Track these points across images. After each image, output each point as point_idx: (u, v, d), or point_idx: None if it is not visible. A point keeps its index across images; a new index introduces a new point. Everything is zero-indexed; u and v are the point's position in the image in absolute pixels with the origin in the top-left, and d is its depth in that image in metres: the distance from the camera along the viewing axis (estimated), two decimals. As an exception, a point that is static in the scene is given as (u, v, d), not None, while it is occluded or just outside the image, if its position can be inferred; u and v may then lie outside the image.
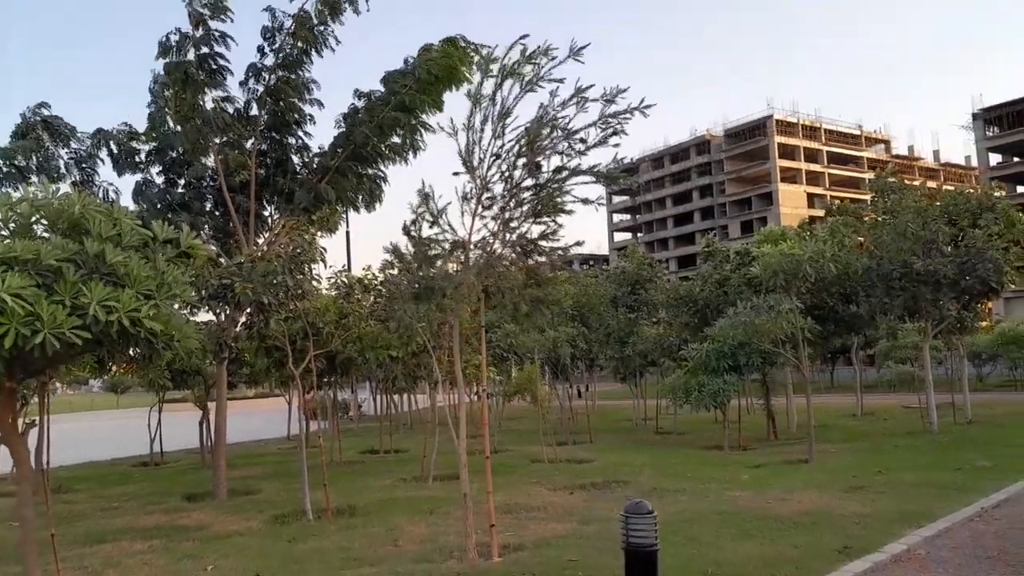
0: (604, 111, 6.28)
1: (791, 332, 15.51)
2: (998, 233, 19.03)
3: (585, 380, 33.50)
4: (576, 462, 16.14)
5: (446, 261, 7.29)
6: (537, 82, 6.49)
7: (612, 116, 6.30)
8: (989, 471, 12.16)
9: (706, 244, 24.12)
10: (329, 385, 19.54)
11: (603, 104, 6.28)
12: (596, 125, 6.35)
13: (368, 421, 33.52)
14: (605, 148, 6.48)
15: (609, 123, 6.29)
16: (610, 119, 6.29)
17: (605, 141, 6.39)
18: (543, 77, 6.47)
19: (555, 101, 6.46)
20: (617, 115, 6.30)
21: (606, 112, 6.28)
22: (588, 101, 6.33)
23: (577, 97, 6.37)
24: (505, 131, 6.67)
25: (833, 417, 24.58)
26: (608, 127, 6.31)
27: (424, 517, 10.43)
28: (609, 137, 6.36)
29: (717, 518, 9.33)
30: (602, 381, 39.44)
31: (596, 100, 6.27)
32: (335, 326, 11.73)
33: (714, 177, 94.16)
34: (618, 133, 6.34)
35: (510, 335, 19.37)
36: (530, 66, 6.47)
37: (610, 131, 6.34)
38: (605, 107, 6.27)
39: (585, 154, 6.51)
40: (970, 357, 35.21)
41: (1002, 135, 74.45)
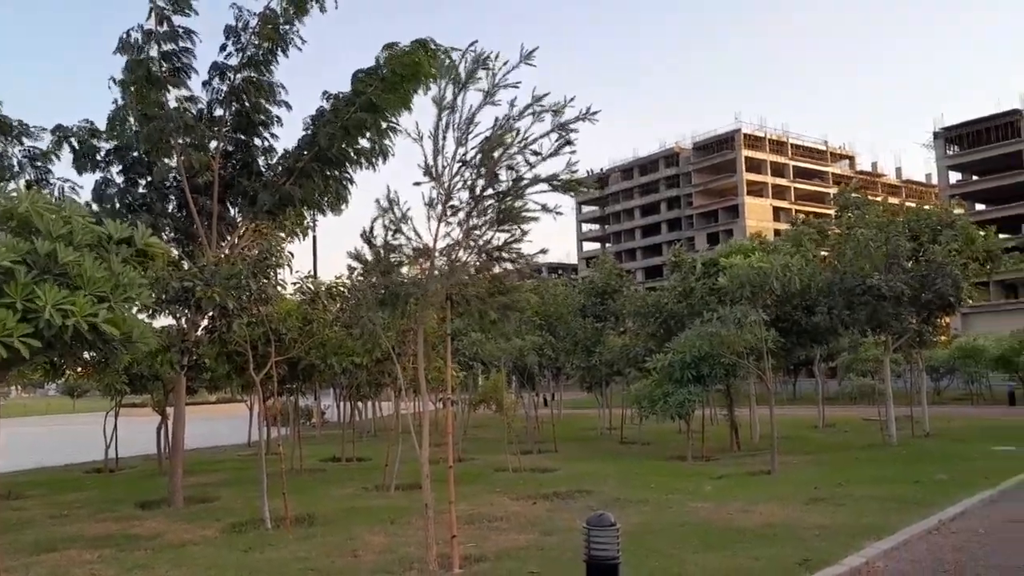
0: (555, 121, 6.30)
1: (755, 344, 15.63)
2: (957, 249, 19.42)
3: (552, 389, 33.50)
4: (540, 471, 16.07)
5: (410, 268, 7.21)
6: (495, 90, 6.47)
7: (562, 126, 6.33)
8: (947, 484, 12.33)
9: (673, 255, 24.27)
10: (291, 391, 19.23)
11: (552, 114, 6.30)
12: (549, 136, 6.37)
13: (331, 428, 33.13)
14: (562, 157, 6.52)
15: (561, 133, 6.31)
16: (561, 129, 6.32)
17: (558, 151, 6.41)
18: (499, 84, 6.45)
19: (513, 111, 6.46)
20: (566, 124, 6.33)
21: (557, 122, 6.30)
22: (543, 111, 6.33)
23: (534, 106, 6.37)
24: (468, 139, 6.63)
25: (795, 429, 24.82)
26: (560, 137, 6.34)
27: (385, 527, 10.28)
28: (562, 147, 6.39)
29: (680, 530, 9.31)
30: (568, 390, 39.47)
31: (548, 110, 6.28)
32: (298, 332, 11.53)
33: (682, 189, 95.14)
34: (570, 143, 6.37)
35: (476, 343, 19.27)
36: (484, 72, 6.45)
37: (563, 141, 6.36)
38: (555, 117, 6.29)
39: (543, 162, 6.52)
40: (928, 371, 35.88)
41: (961, 154, 76.27)
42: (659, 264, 79.94)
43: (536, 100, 6.41)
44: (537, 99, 6.41)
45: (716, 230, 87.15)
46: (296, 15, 13.81)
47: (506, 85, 6.53)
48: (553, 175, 6.54)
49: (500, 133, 6.54)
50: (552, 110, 6.35)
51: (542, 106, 6.42)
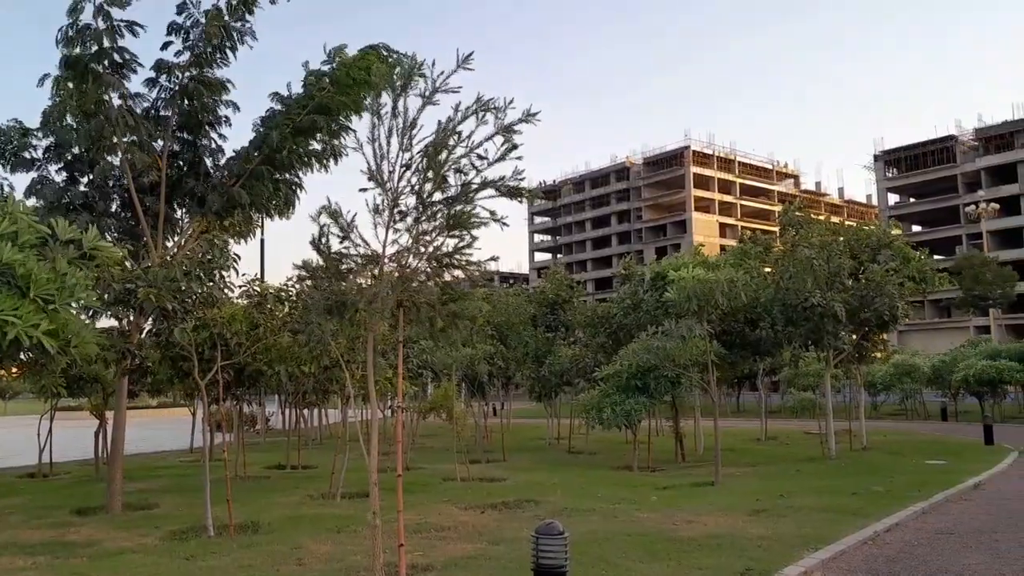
0: (498, 123, 6.38)
1: (700, 357, 15.92)
2: (895, 269, 20.09)
3: (501, 398, 33.52)
4: (489, 481, 16.07)
5: (358, 275, 7.17)
6: (433, 94, 6.53)
7: (506, 128, 6.41)
8: (882, 496, 12.72)
9: (623, 267, 24.57)
10: (236, 397, 18.87)
11: (495, 117, 6.38)
12: (494, 139, 6.44)
13: (276, 435, 32.57)
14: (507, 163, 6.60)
15: (505, 137, 6.39)
16: (504, 131, 6.40)
17: (505, 156, 6.49)
18: (439, 88, 6.51)
19: (456, 115, 6.51)
20: (510, 126, 6.41)
21: (500, 123, 6.38)
22: (485, 111, 6.40)
23: (476, 108, 6.43)
24: (412, 143, 6.65)
25: (739, 441, 25.31)
26: (506, 141, 6.42)
27: (331, 535, 10.16)
28: (508, 152, 6.47)
29: (626, 539, 9.42)
30: (518, 399, 39.56)
31: (489, 109, 6.36)
32: (245, 336, 11.35)
33: (632, 203, 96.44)
34: (515, 147, 6.45)
35: (426, 351, 19.21)
36: (422, 78, 6.51)
37: (509, 145, 6.44)
38: (499, 119, 6.37)
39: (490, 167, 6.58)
40: (866, 386, 36.91)
41: (900, 177, 79.03)
42: (609, 276, 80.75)
43: (477, 101, 6.49)
44: (478, 100, 6.48)
45: (665, 244, 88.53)
46: (245, 8, 13.56)
47: (446, 90, 6.59)
48: (500, 179, 6.60)
49: (444, 136, 6.58)
50: (494, 110, 6.42)
51: (483, 107, 6.48)
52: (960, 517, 11.21)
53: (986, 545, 9.20)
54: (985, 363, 35.14)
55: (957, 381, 36.61)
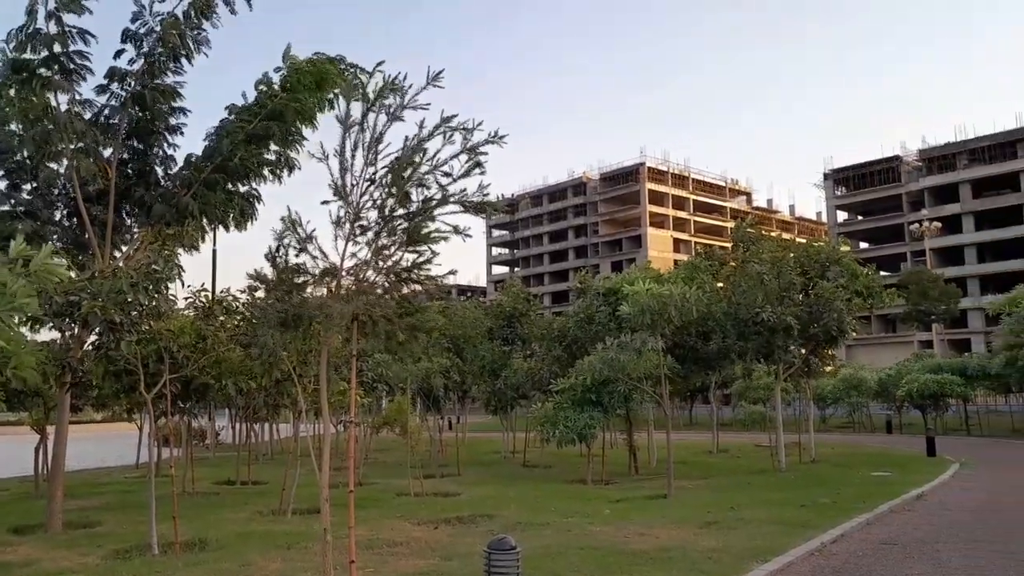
0: (465, 143, 6.41)
1: (653, 370, 16.08)
2: (843, 285, 20.58)
3: (457, 412, 33.38)
4: (443, 496, 15.96)
5: (315, 287, 7.09)
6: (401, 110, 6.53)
7: (472, 148, 6.43)
8: (830, 508, 12.96)
9: (579, 281, 24.74)
10: (184, 411, 18.47)
11: (462, 137, 6.40)
12: (459, 157, 6.47)
13: (226, 450, 31.93)
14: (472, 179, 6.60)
15: (471, 155, 6.42)
16: (470, 151, 6.43)
17: (469, 173, 6.50)
18: (407, 104, 6.51)
19: (423, 132, 6.51)
20: (476, 147, 6.44)
21: (467, 143, 6.41)
22: (453, 131, 6.43)
23: (443, 126, 6.45)
24: (377, 158, 6.63)
25: (691, 453, 25.58)
26: (470, 159, 6.44)
27: (280, 552, 9.97)
28: (472, 169, 6.49)
29: (579, 553, 9.43)
30: (474, 413, 39.41)
31: (458, 129, 6.39)
32: (192, 349, 11.11)
33: (589, 218, 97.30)
34: (480, 164, 6.48)
35: (381, 364, 19.05)
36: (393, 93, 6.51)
37: (473, 163, 6.46)
38: (466, 139, 6.40)
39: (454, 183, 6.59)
40: (815, 400, 37.68)
41: (848, 195, 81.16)
42: (566, 289, 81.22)
43: (445, 121, 6.48)
44: (446, 120, 6.48)
45: (620, 259, 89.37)
46: (201, 17, 13.38)
47: (415, 106, 6.57)
48: (464, 196, 6.60)
49: (410, 153, 6.56)
50: (462, 130, 6.43)
51: (451, 127, 6.49)
52: (903, 528, 11.48)
53: (928, 555, 9.43)
54: (928, 377, 36.20)
55: (901, 395, 37.65)
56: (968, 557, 9.25)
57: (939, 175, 73.31)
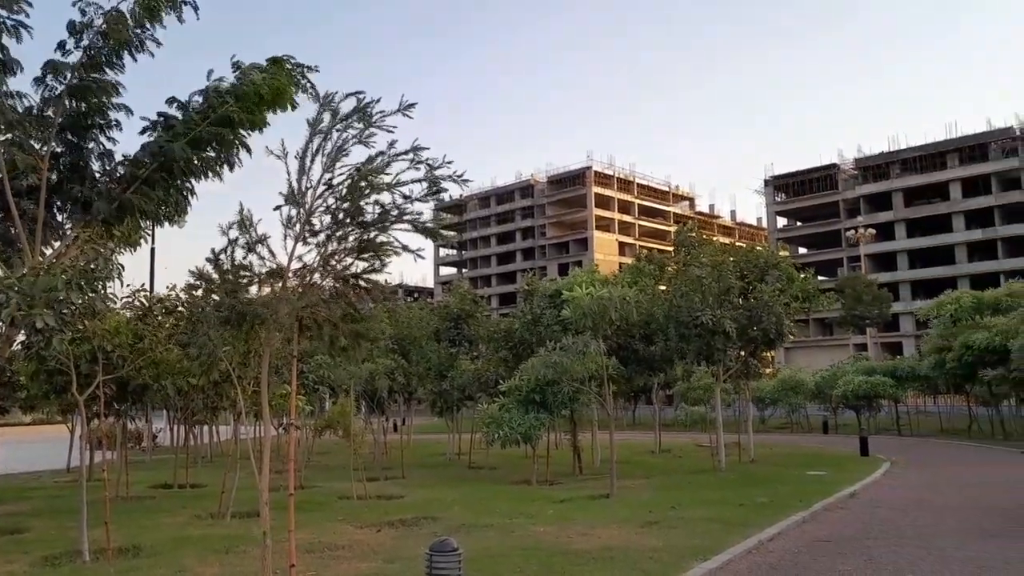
0: (428, 175, 6.54)
1: (596, 371, 16.26)
2: (781, 289, 21.12)
3: (403, 413, 33.16)
4: (386, 498, 15.85)
5: (260, 287, 6.98)
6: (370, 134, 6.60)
7: (434, 181, 6.55)
8: (767, 507, 13.29)
9: (526, 283, 24.85)
10: (119, 413, 17.92)
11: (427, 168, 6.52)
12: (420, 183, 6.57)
13: (164, 453, 31.11)
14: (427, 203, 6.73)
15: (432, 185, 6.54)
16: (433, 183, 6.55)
17: (426, 199, 6.64)
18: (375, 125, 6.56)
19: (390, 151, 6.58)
20: (438, 180, 6.56)
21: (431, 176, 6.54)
22: (420, 162, 6.53)
23: (412, 154, 6.53)
24: (335, 166, 6.62)
25: (634, 453, 25.91)
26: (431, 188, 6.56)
27: (218, 557, 9.77)
28: (432, 195, 6.62)
29: (522, 554, 9.47)
30: (420, 415, 39.21)
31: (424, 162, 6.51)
32: (128, 349, 10.81)
33: (536, 220, 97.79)
34: (440, 192, 6.62)
35: (323, 366, 18.81)
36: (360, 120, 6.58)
37: (432, 191, 6.60)
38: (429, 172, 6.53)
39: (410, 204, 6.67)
40: (754, 401, 38.55)
41: (787, 201, 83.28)
42: (514, 291, 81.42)
43: (415, 150, 6.58)
44: (416, 149, 6.59)
45: (567, 261, 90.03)
46: (148, 18, 13.04)
47: (382, 127, 6.64)
48: (418, 217, 6.67)
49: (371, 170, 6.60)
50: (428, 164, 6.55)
51: (419, 158, 6.59)
52: (837, 525, 11.84)
53: (859, 552, 9.75)
54: (861, 379, 37.37)
55: (837, 396, 38.77)
56: (896, 553, 9.59)
57: (874, 183, 75.80)
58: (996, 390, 33.22)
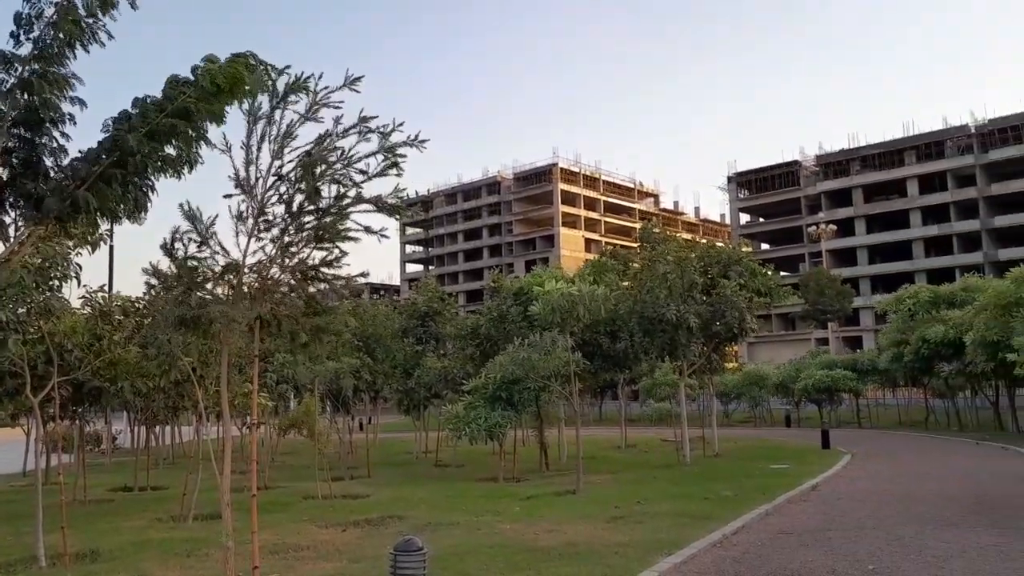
0: (383, 143, 6.29)
1: (563, 368, 16.30)
2: (743, 284, 21.39)
3: (369, 412, 32.92)
4: (352, 498, 15.71)
5: (215, 285, 6.83)
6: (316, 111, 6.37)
7: (389, 149, 6.32)
8: (731, 500, 13.44)
9: (493, 280, 24.81)
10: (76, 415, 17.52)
11: (380, 137, 6.29)
12: (376, 155, 6.34)
13: (124, 455, 30.53)
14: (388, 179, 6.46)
15: (388, 156, 6.30)
16: (388, 152, 6.31)
17: (385, 172, 6.38)
18: (321, 102, 6.35)
19: (338, 128, 6.36)
20: (394, 147, 6.34)
21: (384, 144, 6.29)
22: (370, 131, 6.31)
23: (360, 126, 6.32)
24: (284, 152, 6.44)
25: (600, 449, 26.05)
26: (387, 159, 6.32)
27: (179, 560, 9.60)
28: (389, 168, 6.36)
29: (488, 551, 9.46)
30: (387, 413, 38.96)
31: (375, 131, 6.27)
32: (86, 350, 10.56)
33: (503, 217, 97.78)
34: (397, 165, 6.36)
35: (287, 365, 18.58)
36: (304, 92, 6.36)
37: (389, 163, 6.34)
38: (383, 140, 6.29)
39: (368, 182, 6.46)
40: (718, 395, 39.03)
41: (750, 198, 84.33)
42: (481, 288, 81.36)
43: (362, 120, 6.35)
44: (363, 119, 6.35)
45: (534, 257, 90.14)
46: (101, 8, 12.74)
47: (328, 104, 6.42)
48: (378, 196, 6.47)
49: (322, 149, 6.40)
50: (380, 132, 6.31)
51: (368, 127, 6.36)
52: (799, 517, 12.01)
53: (821, 543, 9.90)
54: (823, 373, 38.04)
55: (799, 390, 39.42)
56: (856, 544, 9.76)
57: (835, 180, 77.07)
58: (952, 383, 34.04)
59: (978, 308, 26.59)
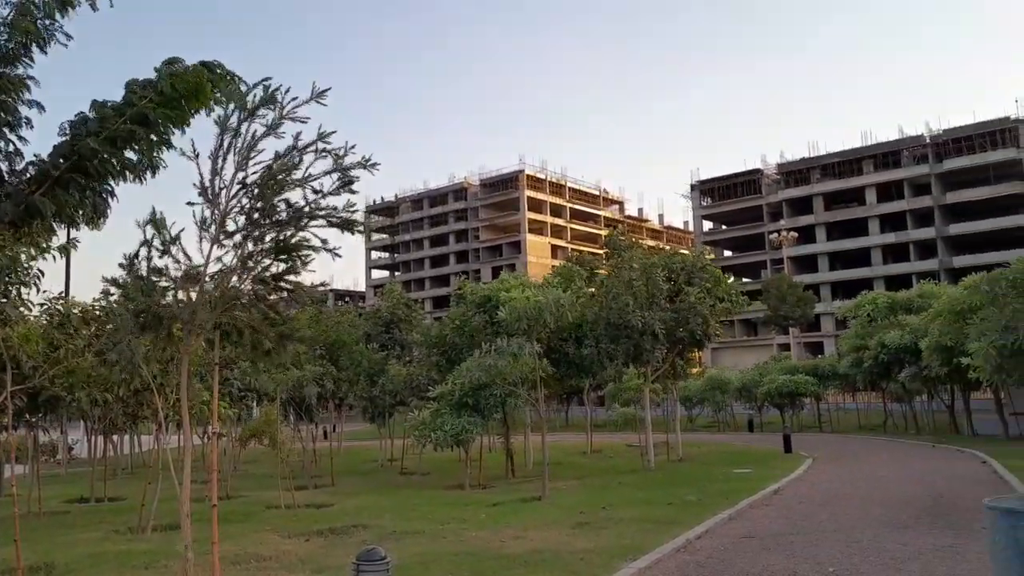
0: (338, 163, 6.39)
1: (529, 374, 16.33)
2: (707, 290, 21.64)
3: (333, 420, 32.62)
4: (316, 507, 15.56)
5: (177, 292, 6.76)
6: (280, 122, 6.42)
7: (343, 170, 6.43)
8: (695, 505, 13.56)
9: (458, 287, 24.81)
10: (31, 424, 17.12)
11: (334, 158, 6.38)
12: (331, 175, 6.43)
13: (81, 465, 29.84)
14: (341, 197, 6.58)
15: (342, 175, 6.41)
16: (341, 172, 6.42)
17: (339, 192, 6.48)
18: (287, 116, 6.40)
19: (299, 143, 6.42)
20: (347, 168, 6.44)
21: (340, 164, 6.40)
22: (326, 150, 6.38)
23: (318, 143, 6.39)
24: (248, 164, 6.44)
25: (566, 454, 26.12)
26: (341, 179, 6.43)
27: (137, 573, 9.42)
28: (343, 187, 6.46)
29: (453, 559, 9.42)
30: (351, 421, 38.64)
31: (330, 151, 6.37)
32: (42, 358, 10.32)
33: (469, 223, 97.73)
34: (351, 183, 6.49)
35: (248, 373, 18.34)
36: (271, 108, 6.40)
37: (345, 181, 6.45)
38: (338, 161, 6.38)
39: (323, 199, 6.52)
40: (682, 400, 39.37)
41: (713, 205, 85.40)
42: (447, 294, 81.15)
43: (321, 137, 6.43)
44: (322, 136, 6.42)
45: (501, 264, 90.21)
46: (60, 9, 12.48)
47: (294, 118, 6.47)
48: (332, 210, 6.52)
49: (281, 165, 6.43)
50: (333, 154, 6.40)
51: (327, 143, 6.43)
52: (761, 522, 12.15)
53: (783, 547, 10.03)
54: (784, 378, 38.61)
55: (762, 395, 39.95)
56: (817, 547, 9.90)
57: (795, 188, 78.37)
58: (909, 387, 34.76)
59: (933, 314, 27.22)
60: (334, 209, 6.48)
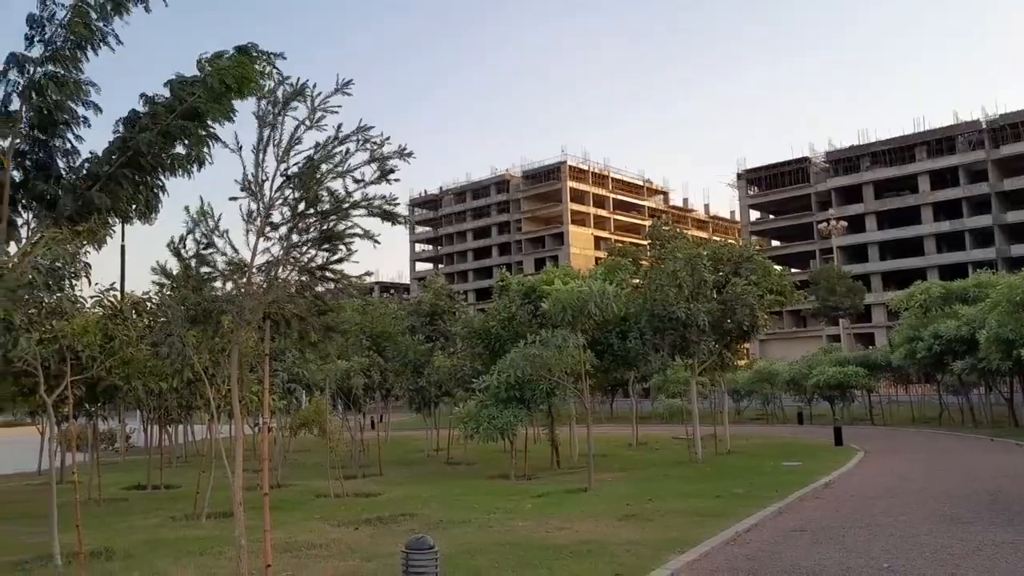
0: (374, 153, 6.46)
1: (574, 366, 16.27)
2: (755, 282, 21.29)
3: (380, 411, 33.00)
4: (364, 496, 15.75)
5: (225, 283, 6.88)
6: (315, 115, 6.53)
7: (380, 159, 6.50)
8: (743, 498, 13.39)
9: (500, 279, 24.82)
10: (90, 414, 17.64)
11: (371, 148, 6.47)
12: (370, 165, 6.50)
13: (138, 453, 30.73)
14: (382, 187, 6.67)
15: (380, 165, 6.48)
16: (378, 161, 6.49)
17: (378, 181, 6.57)
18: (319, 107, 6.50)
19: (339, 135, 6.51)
20: (384, 158, 6.50)
21: (378, 154, 6.47)
22: (365, 141, 6.47)
23: (357, 135, 6.47)
24: (290, 157, 6.55)
25: (611, 447, 26.00)
26: (379, 169, 6.49)
27: (193, 559, 9.65)
28: (384, 177, 6.53)
29: (499, 549, 9.45)
30: (398, 411, 39.04)
31: (368, 141, 6.45)
32: (98, 349, 10.61)
33: (512, 215, 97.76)
34: (391, 172, 6.58)
35: (297, 364, 18.63)
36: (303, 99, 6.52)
37: (386, 170, 6.56)
38: (375, 150, 6.46)
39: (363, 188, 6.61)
40: (730, 392, 38.87)
41: (760, 195, 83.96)
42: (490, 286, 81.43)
43: (360, 130, 6.50)
44: (361, 129, 6.50)
45: (543, 256, 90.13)
46: (114, 11, 12.78)
47: (327, 110, 6.57)
48: (370, 201, 6.59)
49: (322, 156, 6.53)
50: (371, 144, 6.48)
51: (367, 135, 6.50)
52: (812, 515, 11.95)
53: (835, 540, 9.85)
54: (835, 369, 37.79)
55: (811, 387, 39.19)
56: (870, 541, 9.70)
57: (845, 176, 76.63)
58: (965, 379, 33.76)
59: (991, 304, 26.35)
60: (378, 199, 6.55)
